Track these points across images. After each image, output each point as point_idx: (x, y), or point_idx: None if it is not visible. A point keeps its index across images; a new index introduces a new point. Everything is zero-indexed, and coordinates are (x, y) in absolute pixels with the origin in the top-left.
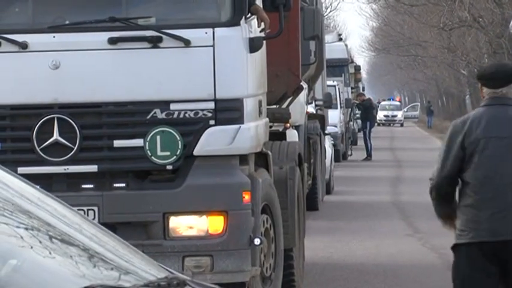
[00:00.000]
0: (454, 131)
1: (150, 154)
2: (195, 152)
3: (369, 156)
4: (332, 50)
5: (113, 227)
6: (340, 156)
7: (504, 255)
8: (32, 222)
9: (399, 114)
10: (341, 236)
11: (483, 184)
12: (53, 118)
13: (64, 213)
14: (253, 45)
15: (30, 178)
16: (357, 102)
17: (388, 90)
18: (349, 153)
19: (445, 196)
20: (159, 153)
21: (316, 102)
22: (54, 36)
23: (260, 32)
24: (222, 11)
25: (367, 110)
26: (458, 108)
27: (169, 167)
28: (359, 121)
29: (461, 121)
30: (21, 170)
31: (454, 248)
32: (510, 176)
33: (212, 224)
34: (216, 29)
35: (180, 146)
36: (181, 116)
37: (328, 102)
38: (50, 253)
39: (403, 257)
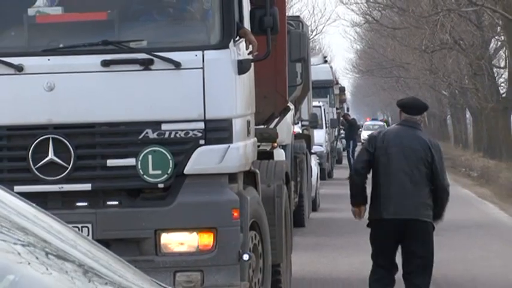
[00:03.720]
0: (371, 137)
1: (142, 173)
2: (186, 171)
3: None
4: (317, 72)
5: (106, 243)
6: (325, 174)
7: (403, 229)
8: (28, 238)
9: None
10: (327, 251)
11: (388, 178)
12: (48, 138)
13: (59, 230)
14: (242, 67)
15: (27, 196)
16: (342, 119)
17: (371, 111)
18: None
19: (358, 185)
20: (150, 172)
21: (303, 123)
22: (48, 59)
23: (248, 54)
24: (211, 34)
25: (351, 128)
26: (439, 128)
27: (160, 185)
28: (344, 140)
29: (378, 132)
30: (18, 188)
31: (370, 223)
32: (405, 173)
33: (202, 240)
34: (205, 51)
35: (171, 165)
36: (172, 135)
37: (314, 123)
38: (47, 269)
39: None
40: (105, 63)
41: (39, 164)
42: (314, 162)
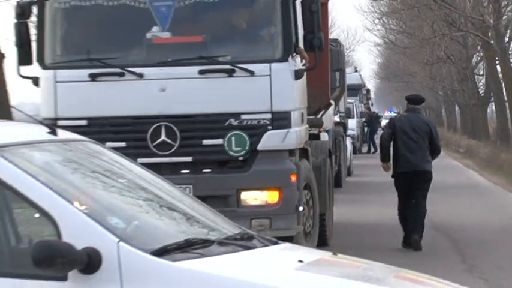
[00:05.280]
0: (390, 122)
1: (227, 149)
2: (258, 148)
3: (375, 150)
4: (350, 78)
5: (203, 198)
6: (356, 150)
7: (413, 178)
8: (147, 195)
9: None
10: (359, 205)
11: (402, 145)
12: (161, 125)
13: (169, 189)
14: (297, 75)
15: (146, 166)
16: (367, 113)
17: (389, 106)
18: (364, 150)
19: (386, 148)
20: (233, 148)
21: (340, 114)
22: (161, 69)
23: (302, 65)
24: (276, 51)
25: (372, 119)
26: (436, 118)
27: (240, 158)
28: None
29: (394, 117)
30: (140, 160)
31: (393, 175)
32: (413, 141)
33: (270, 196)
34: (271, 63)
35: (248, 144)
36: (249, 123)
37: (348, 114)
38: (160, 216)
39: None
40: (201, 72)
41: (155, 143)
42: (348, 141)
